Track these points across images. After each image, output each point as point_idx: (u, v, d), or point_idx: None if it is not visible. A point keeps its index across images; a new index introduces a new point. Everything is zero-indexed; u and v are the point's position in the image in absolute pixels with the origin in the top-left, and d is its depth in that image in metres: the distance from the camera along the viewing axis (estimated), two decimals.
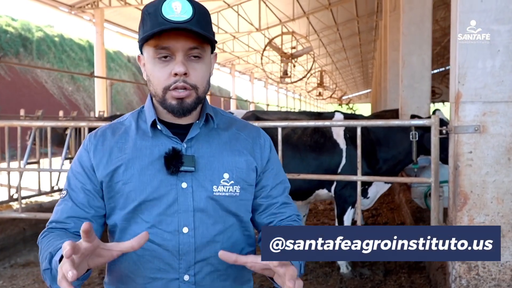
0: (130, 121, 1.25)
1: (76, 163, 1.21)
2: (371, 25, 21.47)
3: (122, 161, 1.17)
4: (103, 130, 1.24)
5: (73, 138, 5.78)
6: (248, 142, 1.27)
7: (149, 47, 1.14)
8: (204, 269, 1.18)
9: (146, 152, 1.18)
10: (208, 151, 1.21)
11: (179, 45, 1.11)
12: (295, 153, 4.05)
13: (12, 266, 4.44)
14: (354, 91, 57.36)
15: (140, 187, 1.15)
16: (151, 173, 1.16)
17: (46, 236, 1.14)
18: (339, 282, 3.93)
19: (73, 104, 22.81)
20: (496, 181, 2.79)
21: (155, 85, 1.16)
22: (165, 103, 1.16)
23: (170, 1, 1.10)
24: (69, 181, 1.20)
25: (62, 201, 1.19)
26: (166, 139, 1.19)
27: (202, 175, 1.18)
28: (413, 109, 6.25)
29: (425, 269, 4.04)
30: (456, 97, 2.85)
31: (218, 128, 1.26)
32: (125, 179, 1.16)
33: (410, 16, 6.51)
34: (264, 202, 1.28)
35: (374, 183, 4.11)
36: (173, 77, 1.13)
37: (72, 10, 14.56)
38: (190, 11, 1.10)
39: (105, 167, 1.17)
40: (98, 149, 1.19)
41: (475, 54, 2.78)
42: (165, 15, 1.09)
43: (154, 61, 1.14)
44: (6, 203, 5.12)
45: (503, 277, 2.81)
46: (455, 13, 2.86)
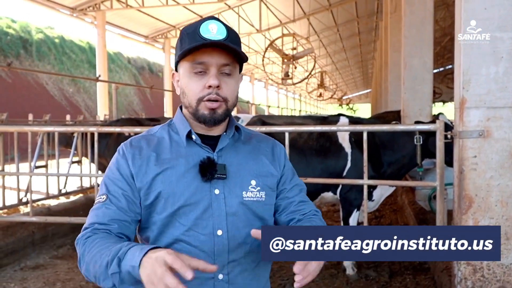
0: (162, 133, 1.35)
1: (114, 171, 1.28)
2: (371, 25, 21.55)
3: (160, 169, 1.26)
4: (137, 141, 1.33)
5: (80, 141, 5.84)
6: (268, 152, 1.40)
7: (185, 62, 1.27)
8: (235, 268, 1.28)
9: (182, 161, 1.27)
10: (235, 160, 1.32)
11: (213, 60, 1.24)
12: (301, 157, 4.12)
13: (22, 269, 4.49)
14: (354, 91, 57.39)
15: (178, 194, 1.24)
16: (187, 181, 1.26)
17: (91, 237, 1.18)
18: (345, 283, 3.99)
19: (74, 106, 22.84)
20: (501, 184, 2.86)
21: (189, 97, 1.27)
22: (198, 113, 1.27)
23: (207, 23, 1.24)
24: (108, 187, 1.26)
25: (102, 205, 1.24)
26: (199, 149, 1.30)
27: (232, 182, 1.29)
28: (415, 111, 6.32)
29: (430, 271, 4.10)
30: (460, 103, 2.91)
31: (242, 140, 1.38)
32: (163, 186, 1.25)
33: (411, 18, 6.57)
34: (282, 203, 1.39)
35: (379, 186, 4.18)
36: (207, 89, 1.24)
37: (73, 13, 14.60)
38: (225, 32, 1.24)
39: (144, 175, 1.26)
40: (136, 158, 1.27)
41: (479, 60, 2.84)
42: (202, 35, 1.22)
43: (190, 75, 1.26)
44: (16, 206, 5.17)
45: (507, 278, 2.87)
46: (459, 20, 2.93)
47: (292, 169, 1.46)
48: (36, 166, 5.12)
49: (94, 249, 1.13)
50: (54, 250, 5.09)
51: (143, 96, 29.55)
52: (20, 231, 4.74)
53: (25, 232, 4.80)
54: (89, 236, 1.19)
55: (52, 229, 5.15)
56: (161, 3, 14.90)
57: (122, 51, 30.67)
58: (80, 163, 6.08)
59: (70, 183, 5.92)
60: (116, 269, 1.05)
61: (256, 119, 4.60)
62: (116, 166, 1.29)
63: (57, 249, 5.12)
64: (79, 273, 4.37)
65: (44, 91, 21.76)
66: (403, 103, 6.47)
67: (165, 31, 19.11)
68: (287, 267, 4.21)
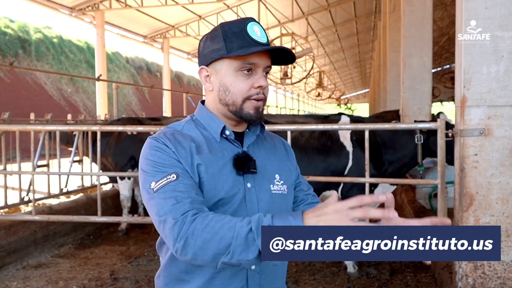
0: (189, 129, 1.34)
1: (164, 157, 1.23)
2: (369, 25, 21.59)
3: (202, 161, 1.26)
4: (171, 134, 1.30)
5: (81, 140, 5.86)
6: (282, 149, 1.49)
7: (232, 60, 1.28)
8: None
9: (219, 155, 1.30)
10: (260, 155, 1.37)
11: (262, 62, 1.29)
12: (303, 156, 4.15)
13: (24, 268, 4.51)
14: (352, 90, 57.44)
15: (219, 187, 1.26)
16: (226, 173, 1.28)
17: (201, 214, 1.11)
18: (347, 281, 4.02)
19: (73, 106, 22.84)
20: (501, 182, 2.89)
21: (235, 95, 1.30)
22: (242, 111, 1.30)
23: (252, 24, 1.29)
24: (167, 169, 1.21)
25: (178, 182, 1.18)
26: (230, 145, 1.34)
27: (260, 176, 1.33)
28: (414, 111, 6.36)
29: (430, 268, 4.13)
30: (461, 101, 2.94)
31: (262, 136, 1.43)
32: (207, 177, 1.25)
33: (411, 18, 6.60)
34: (299, 194, 1.47)
35: (380, 184, 4.21)
36: (255, 89, 1.29)
37: (72, 12, 14.58)
38: (265, 35, 1.31)
39: (189, 165, 1.24)
40: (179, 149, 1.25)
41: (480, 59, 2.87)
42: (252, 36, 1.27)
43: (236, 74, 1.29)
44: (18, 205, 5.18)
45: (508, 275, 2.90)
46: (460, 20, 2.96)
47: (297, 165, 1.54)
48: (38, 165, 5.12)
49: (214, 224, 1.07)
50: (56, 249, 5.10)
51: (142, 96, 29.54)
52: (22, 230, 4.75)
53: (27, 231, 4.81)
54: (196, 213, 1.12)
55: (54, 228, 5.16)
56: (160, 3, 14.91)
57: (121, 51, 30.69)
58: (81, 162, 6.08)
59: (71, 182, 5.93)
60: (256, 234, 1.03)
61: None
62: (163, 154, 1.24)
63: (59, 248, 5.14)
64: (82, 271, 4.39)
65: (42, 91, 21.75)
66: (402, 102, 6.50)
67: (164, 31, 19.10)
68: (289, 265, 4.23)
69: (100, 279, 4.19)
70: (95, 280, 4.16)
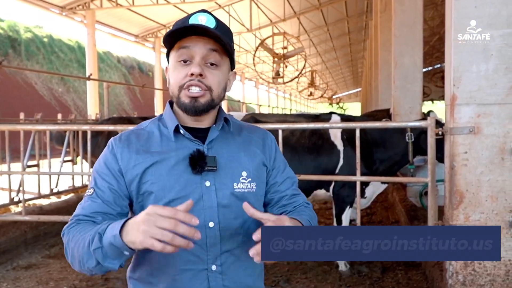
0: (152, 128, 1.35)
1: (102, 165, 1.29)
2: (360, 25, 21.67)
3: (150, 162, 1.26)
4: (127, 135, 1.33)
5: (72, 140, 5.82)
6: (259, 143, 1.41)
7: (172, 52, 1.28)
8: (228, 259, 1.29)
9: (171, 154, 1.28)
10: (226, 152, 1.32)
11: (197, 48, 1.24)
12: (294, 155, 4.15)
13: (14, 269, 4.47)
14: (344, 90, 57.62)
15: (169, 186, 1.25)
16: (177, 173, 1.26)
17: (75, 227, 1.21)
18: (338, 279, 4.02)
19: (63, 106, 22.67)
20: (491, 180, 2.91)
21: (172, 85, 1.28)
22: (179, 101, 1.27)
23: (198, 14, 1.25)
24: (96, 181, 1.28)
25: (89, 199, 1.26)
26: (189, 142, 1.30)
27: (223, 174, 1.29)
28: (405, 109, 6.39)
29: (421, 266, 4.15)
30: (451, 100, 2.95)
31: (232, 131, 1.38)
32: (153, 179, 1.25)
33: (402, 18, 6.63)
34: (274, 196, 1.41)
35: (371, 183, 4.22)
36: (189, 77, 1.24)
37: (63, 11, 14.50)
38: (214, 23, 1.25)
39: (133, 168, 1.26)
40: (125, 152, 1.28)
41: (469, 58, 2.89)
42: (190, 22, 1.23)
43: (176, 65, 1.27)
44: (8, 206, 5.14)
45: (497, 272, 2.93)
46: (450, 19, 2.97)
47: (284, 161, 1.47)
48: (28, 165, 5.08)
49: (77, 236, 1.16)
50: (47, 250, 5.06)
51: (133, 95, 29.41)
52: (12, 231, 4.72)
53: (17, 232, 4.77)
54: (72, 226, 1.22)
55: (44, 229, 5.13)
56: (152, 2, 14.86)
57: (112, 50, 30.52)
58: (72, 162, 6.04)
59: (61, 182, 5.88)
60: (98, 245, 1.07)
61: (248, 117, 4.63)
62: (104, 160, 1.29)
63: (49, 249, 5.10)
64: (72, 272, 4.36)
65: (33, 90, 21.57)
66: (393, 101, 6.53)
67: (155, 30, 19.05)
68: (281, 264, 4.24)
69: (91, 280, 4.16)
70: (86, 281, 4.13)
